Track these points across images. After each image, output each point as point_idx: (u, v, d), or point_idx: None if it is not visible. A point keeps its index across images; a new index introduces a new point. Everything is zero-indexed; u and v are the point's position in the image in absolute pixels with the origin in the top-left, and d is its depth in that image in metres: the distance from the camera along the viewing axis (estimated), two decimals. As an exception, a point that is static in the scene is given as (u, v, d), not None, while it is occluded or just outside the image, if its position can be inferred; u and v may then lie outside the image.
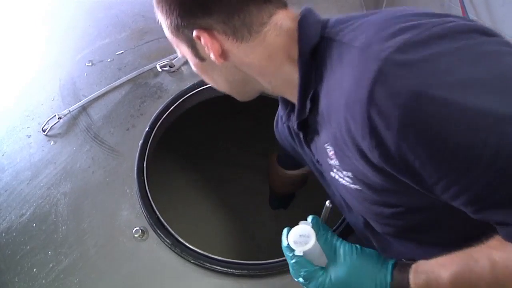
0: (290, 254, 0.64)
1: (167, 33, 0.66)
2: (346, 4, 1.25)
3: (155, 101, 1.10)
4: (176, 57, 1.18)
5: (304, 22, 0.58)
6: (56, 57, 1.21)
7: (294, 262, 0.64)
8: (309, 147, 0.71)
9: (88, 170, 0.97)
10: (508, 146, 0.43)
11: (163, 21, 0.65)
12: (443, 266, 0.53)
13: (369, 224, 0.72)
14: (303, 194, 1.49)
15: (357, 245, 0.64)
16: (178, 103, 1.10)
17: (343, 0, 1.24)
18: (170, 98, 1.10)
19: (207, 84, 1.14)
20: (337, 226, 0.94)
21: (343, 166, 0.60)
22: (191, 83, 1.14)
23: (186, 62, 1.18)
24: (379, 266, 0.60)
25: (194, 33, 0.59)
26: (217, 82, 0.69)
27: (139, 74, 1.15)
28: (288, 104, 0.69)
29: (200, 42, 0.60)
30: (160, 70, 1.16)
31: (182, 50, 0.67)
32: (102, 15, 1.32)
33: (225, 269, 0.84)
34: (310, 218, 0.66)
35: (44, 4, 1.38)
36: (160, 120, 1.06)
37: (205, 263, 0.85)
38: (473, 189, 0.46)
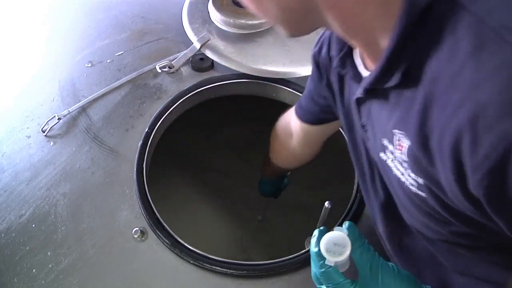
0: (320, 262, 0.58)
1: None
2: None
3: (154, 102, 1.10)
4: (176, 58, 1.18)
5: None
6: (55, 58, 1.21)
7: (322, 272, 0.58)
8: (358, 106, 0.57)
9: (88, 170, 0.98)
10: None
11: None
12: None
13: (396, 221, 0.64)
14: (299, 192, 1.49)
15: (394, 265, 0.58)
16: (178, 104, 1.10)
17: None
18: (169, 99, 1.10)
19: (206, 85, 1.15)
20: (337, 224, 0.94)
21: (415, 169, 0.47)
22: (191, 84, 1.14)
23: (185, 63, 1.19)
24: None
25: None
26: (267, 8, 0.48)
27: (139, 75, 1.15)
28: (345, 44, 0.55)
29: None
30: (159, 71, 1.16)
31: None
32: (102, 16, 1.32)
33: (224, 269, 0.84)
34: (346, 224, 0.60)
35: (44, 5, 1.38)
36: (160, 121, 1.06)
37: (205, 264, 0.85)
38: None
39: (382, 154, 0.53)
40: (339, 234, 0.58)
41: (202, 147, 1.61)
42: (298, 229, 1.23)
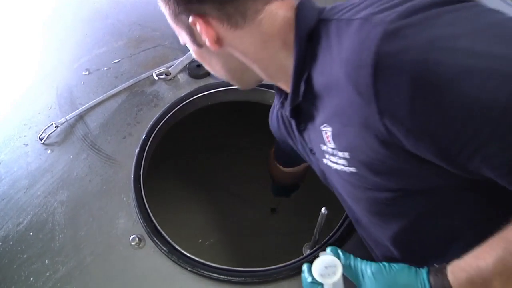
0: None
1: (169, 20, 0.66)
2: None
3: (151, 109, 1.11)
4: (172, 65, 1.19)
5: (302, 8, 0.59)
6: (53, 66, 1.22)
7: None
8: (302, 136, 0.71)
9: (85, 178, 0.98)
10: None
11: (164, 9, 0.65)
12: (479, 258, 0.50)
13: (362, 224, 0.72)
14: (297, 196, 1.49)
15: (384, 263, 0.60)
16: (175, 111, 1.10)
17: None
18: (166, 106, 1.10)
19: (203, 92, 1.15)
20: (334, 231, 0.94)
21: (340, 146, 0.58)
22: (187, 91, 1.14)
23: (182, 70, 1.19)
24: (414, 277, 0.57)
25: (190, 19, 0.59)
26: (215, 69, 0.69)
27: (136, 82, 1.15)
28: (282, 92, 0.69)
29: (196, 28, 0.60)
30: (156, 78, 1.16)
31: (182, 37, 0.67)
32: (99, 24, 1.33)
33: (221, 276, 0.85)
34: (329, 249, 0.63)
35: (42, 13, 1.38)
36: (157, 128, 1.06)
37: (202, 271, 0.85)
38: (504, 148, 0.43)
39: (325, 160, 0.65)
40: (327, 257, 0.61)
41: (200, 154, 1.61)
42: (296, 235, 1.23)
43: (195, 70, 1.18)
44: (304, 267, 0.63)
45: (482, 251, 0.50)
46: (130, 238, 0.88)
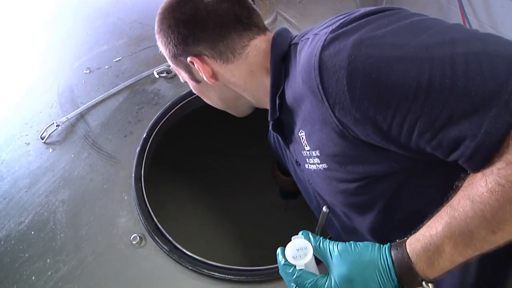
0: (290, 271, 0.63)
1: (170, 62, 0.78)
2: (343, 9, 1.25)
3: (152, 108, 1.10)
4: (174, 63, 1.18)
5: (277, 37, 0.70)
6: (54, 65, 1.22)
7: (297, 277, 0.63)
8: (289, 149, 0.79)
9: (86, 177, 0.98)
10: (439, 68, 0.49)
11: (164, 51, 0.77)
12: (430, 227, 0.54)
13: (346, 227, 0.78)
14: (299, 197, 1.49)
15: (351, 242, 0.63)
16: (175, 109, 1.10)
17: (340, 5, 1.25)
18: (167, 105, 1.10)
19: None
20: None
21: (312, 145, 0.66)
22: (188, 89, 1.14)
23: (183, 68, 1.19)
24: (376, 253, 0.60)
25: (188, 59, 0.71)
26: (213, 100, 0.82)
27: (137, 81, 1.15)
28: (274, 114, 0.77)
29: (194, 66, 0.72)
30: (157, 76, 1.16)
31: (182, 75, 0.80)
32: (100, 22, 1.33)
33: (222, 275, 0.84)
34: (301, 232, 0.67)
35: (43, 12, 1.38)
36: (158, 127, 1.06)
37: (203, 270, 0.85)
38: (423, 116, 0.50)
39: (307, 165, 0.72)
40: (298, 241, 0.65)
41: (201, 152, 1.61)
42: (298, 231, 1.23)
43: (196, 68, 1.17)
44: (279, 250, 0.66)
45: (433, 220, 0.55)
46: (131, 237, 0.88)
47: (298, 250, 0.64)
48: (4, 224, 0.92)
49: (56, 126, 1.05)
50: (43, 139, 1.04)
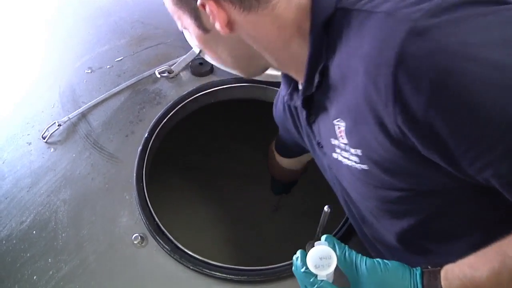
0: (311, 280, 0.59)
1: (169, 4, 0.62)
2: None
3: (154, 107, 1.10)
4: (175, 63, 1.18)
5: None
6: (55, 65, 1.22)
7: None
8: (310, 128, 0.69)
9: (88, 177, 0.98)
10: None
11: None
12: (474, 268, 0.49)
13: (367, 221, 0.71)
14: (299, 194, 1.49)
15: (379, 260, 0.60)
16: (177, 109, 1.10)
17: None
18: (169, 104, 1.10)
19: (206, 90, 1.15)
20: (337, 230, 0.94)
21: (353, 143, 0.56)
22: (190, 89, 1.14)
23: (184, 68, 1.19)
24: (407, 278, 0.56)
25: (199, 1, 0.55)
26: (221, 56, 0.66)
27: (138, 81, 1.15)
28: (291, 82, 0.67)
29: (204, 11, 0.57)
30: (159, 76, 1.16)
31: (184, 23, 0.63)
32: (102, 22, 1.33)
33: (224, 275, 0.84)
34: (324, 237, 0.62)
35: (44, 11, 1.39)
36: (159, 126, 1.06)
37: (204, 269, 0.85)
38: (507, 160, 0.43)
39: (335, 155, 0.63)
40: (322, 248, 0.59)
41: (202, 152, 1.61)
42: (300, 233, 1.23)
43: (198, 67, 1.17)
44: (298, 254, 0.62)
45: (479, 261, 0.49)
46: (133, 237, 0.88)
47: (321, 259, 0.59)
48: (5, 224, 0.92)
49: (58, 125, 1.05)
50: (44, 139, 1.04)
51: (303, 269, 0.60)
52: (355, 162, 0.58)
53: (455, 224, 0.60)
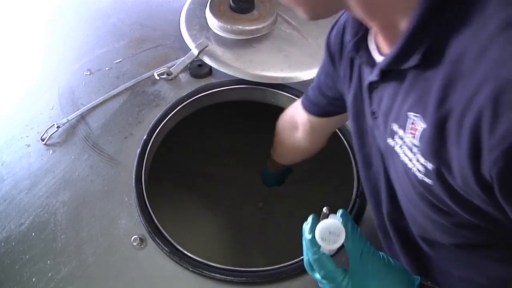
0: (314, 249, 0.58)
1: None
2: (343, 10, 1.25)
3: (153, 109, 1.11)
4: (174, 64, 1.18)
5: None
6: (54, 66, 1.22)
7: (317, 259, 0.58)
8: (370, 91, 0.56)
9: (87, 178, 0.98)
10: None
11: None
12: None
13: (400, 222, 0.63)
14: (298, 196, 1.49)
15: (384, 255, 0.58)
16: (176, 111, 1.10)
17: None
18: (167, 106, 1.10)
19: (205, 91, 1.15)
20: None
21: (426, 153, 0.44)
22: (189, 91, 1.14)
23: (183, 70, 1.19)
24: (405, 283, 0.55)
25: None
26: None
27: (137, 82, 1.15)
28: (360, 28, 0.54)
29: None
30: (157, 78, 1.16)
31: None
32: (100, 24, 1.33)
33: (223, 276, 0.84)
34: (340, 212, 0.60)
35: (43, 13, 1.39)
36: (158, 128, 1.06)
37: (204, 271, 0.85)
38: None
39: (390, 140, 0.53)
40: (334, 222, 0.58)
41: (201, 153, 1.61)
42: (299, 235, 1.23)
43: (197, 69, 1.18)
44: (309, 220, 0.60)
45: None
46: (132, 239, 0.88)
47: (330, 234, 0.57)
48: (4, 226, 0.91)
49: (57, 127, 1.05)
50: (43, 141, 1.04)
51: (309, 237, 0.59)
52: (419, 170, 0.47)
53: (486, 256, 0.55)
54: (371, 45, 0.54)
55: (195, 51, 1.15)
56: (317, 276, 0.60)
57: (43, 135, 1.04)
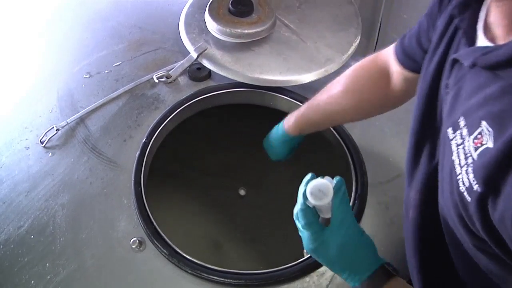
0: (302, 201, 0.65)
1: None
2: (341, 13, 1.26)
3: (152, 112, 1.11)
4: (173, 67, 1.19)
5: None
6: (53, 69, 1.22)
7: (301, 209, 0.64)
8: (452, 65, 0.48)
9: (86, 181, 0.98)
10: None
11: None
12: None
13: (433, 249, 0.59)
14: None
15: (362, 229, 0.63)
16: (175, 114, 1.11)
17: (338, 10, 1.25)
18: (167, 109, 1.11)
19: (204, 94, 1.15)
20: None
21: (479, 176, 0.38)
22: (188, 94, 1.15)
23: (182, 73, 1.19)
24: (370, 258, 0.60)
25: None
26: None
27: (136, 85, 1.16)
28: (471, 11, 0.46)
29: None
30: (156, 81, 1.17)
31: None
32: (99, 27, 1.34)
33: (222, 279, 0.85)
34: (337, 178, 0.64)
35: (42, 16, 1.39)
36: (157, 131, 1.07)
37: (202, 274, 0.85)
38: None
39: (450, 130, 0.45)
40: (325, 183, 0.63)
41: (200, 156, 1.61)
42: (298, 238, 1.23)
43: (196, 72, 1.18)
44: (308, 176, 0.65)
45: None
46: (131, 241, 0.88)
47: (319, 191, 0.62)
48: (3, 228, 0.91)
49: (56, 130, 1.06)
50: (42, 143, 1.04)
51: (302, 190, 0.65)
52: (463, 182, 0.41)
53: None
54: (481, 16, 0.45)
55: (194, 54, 1.16)
56: (298, 224, 0.66)
57: (42, 137, 1.05)
